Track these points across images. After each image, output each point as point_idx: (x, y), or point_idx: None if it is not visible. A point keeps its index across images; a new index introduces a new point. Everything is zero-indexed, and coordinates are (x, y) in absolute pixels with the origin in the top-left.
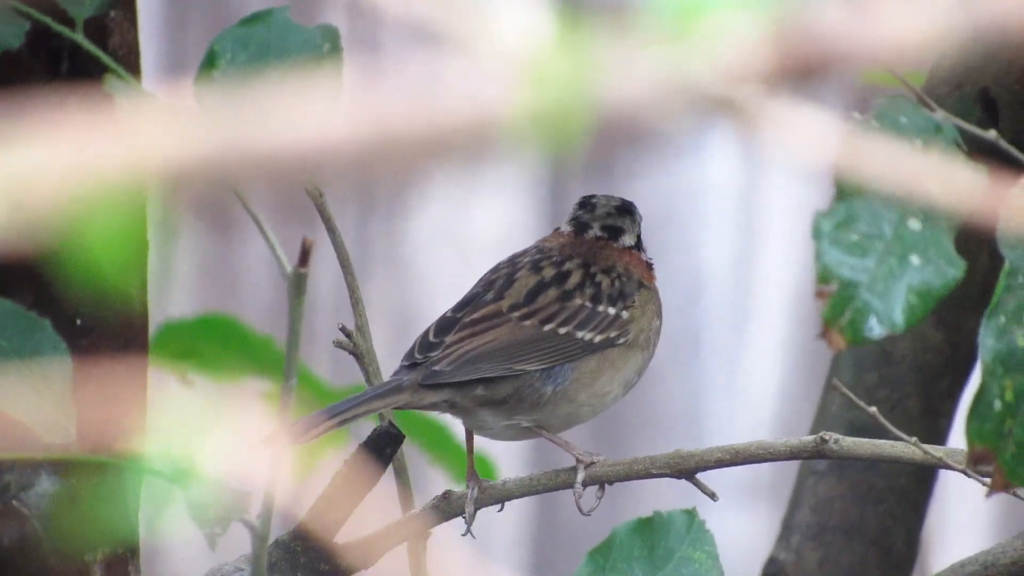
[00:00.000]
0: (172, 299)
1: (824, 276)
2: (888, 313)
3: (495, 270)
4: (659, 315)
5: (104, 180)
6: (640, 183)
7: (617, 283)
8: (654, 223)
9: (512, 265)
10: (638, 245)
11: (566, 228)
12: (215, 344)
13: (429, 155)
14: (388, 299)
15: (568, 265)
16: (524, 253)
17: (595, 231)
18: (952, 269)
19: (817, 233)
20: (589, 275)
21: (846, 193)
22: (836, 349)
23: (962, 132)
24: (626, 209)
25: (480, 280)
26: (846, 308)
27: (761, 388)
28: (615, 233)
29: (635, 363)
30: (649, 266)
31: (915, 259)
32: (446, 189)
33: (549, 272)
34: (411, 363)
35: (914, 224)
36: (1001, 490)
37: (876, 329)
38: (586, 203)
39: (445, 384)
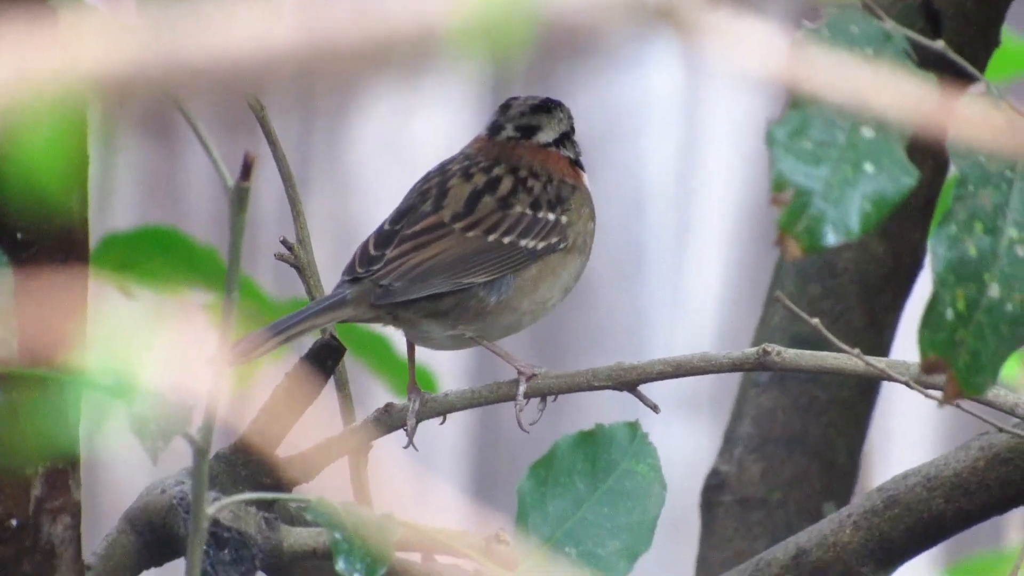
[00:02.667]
0: (113, 212)
1: (779, 184)
2: (843, 220)
3: (426, 179)
4: (593, 218)
5: (45, 92)
6: (582, 95)
7: (550, 187)
8: (596, 136)
9: (443, 173)
10: (561, 143)
11: (483, 132)
12: (157, 256)
13: (370, 66)
14: (330, 212)
15: (497, 171)
16: (452, 160)
17: (507, 132)
18: (905, 177)
19: (771, 141)
20: (519, 180)
21: (800, 101)
22: (792, 257)
23: (909, 43)
24: (543, 107)
25: (412, 189)
26: (801, 215)
27: (703, 301)
28: (529, 132)
29: (573, 268)
30: (573, 163)
31: (869, 167)
32: (388, 101)
33: (480, 179)
34: (352, 277)
35: (867, 132)
36: (954, 399)
37: (831, 236)
38: (504, 106)
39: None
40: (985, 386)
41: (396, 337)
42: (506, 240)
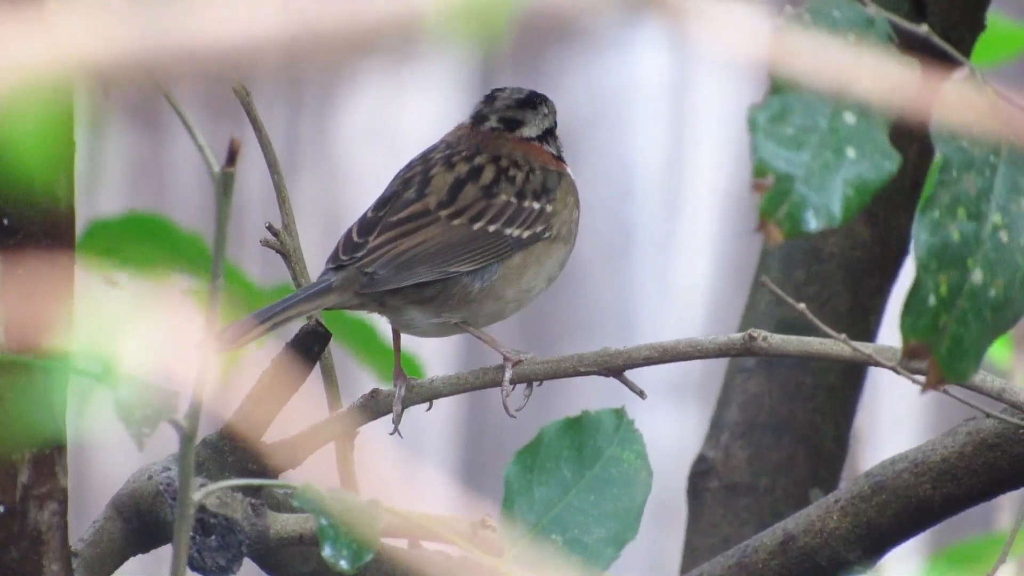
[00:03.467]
0: (99, 199)
1: (760, 169)
2: (825, 206)
3: (409, 167)
4: (578, 206)
5: (32, 78)
6: (570, 79)
7: (533, 176)
8: (584, 121)
9: (425, 162)
10: (545, 138)
11: (466, 121)
12: (143, 242)
13: (357, 52)
14: (316, 198)
15: (479, 160)
16: (434, 149)
17: (491, 123)
18: (887, 162)
19: (753, 126)
20: (501, 169)
21: (781, 86)
22: (773, 242)
23: (893, 27)
24: (529, 102)
25: (395, 178)
26: (783, 201)
27: (690, 286)
28: (512, 124)
29: (558, 256)
30: (556, 158)
31: (851, 152)
32: (374, 87)
33: (462, 168)
34: (337, 265)
35: (849, 117)
36: (936, 385)
37: (813, 222)
38: (489, 96)
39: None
40: (968, 372)
41: (381, 323)
42: (491, 229)
